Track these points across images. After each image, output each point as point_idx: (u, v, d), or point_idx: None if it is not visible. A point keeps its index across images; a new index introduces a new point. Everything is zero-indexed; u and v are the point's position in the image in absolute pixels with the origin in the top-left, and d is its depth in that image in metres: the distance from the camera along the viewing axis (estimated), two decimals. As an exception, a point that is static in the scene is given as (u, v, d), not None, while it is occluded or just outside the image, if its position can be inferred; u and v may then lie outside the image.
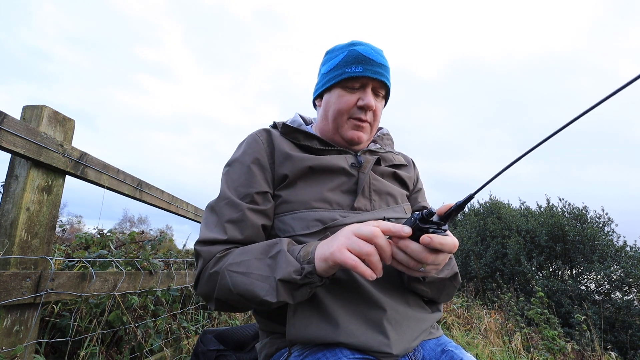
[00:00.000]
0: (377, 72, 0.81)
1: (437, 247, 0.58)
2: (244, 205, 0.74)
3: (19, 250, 1.05)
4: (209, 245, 0.73)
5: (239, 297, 0.65)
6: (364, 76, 0.80)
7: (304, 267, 0.61)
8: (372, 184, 0.82)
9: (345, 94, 0.82)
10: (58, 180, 1.19)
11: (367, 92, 0.81)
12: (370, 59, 0.81)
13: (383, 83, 0.83)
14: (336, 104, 0.83)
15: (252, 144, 0.82)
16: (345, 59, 0.82)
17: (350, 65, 0.81)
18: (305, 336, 0.66)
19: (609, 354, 3.72)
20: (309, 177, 0.79)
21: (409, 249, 0.59)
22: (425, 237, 0.57)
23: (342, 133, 0.84)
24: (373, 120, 0.85)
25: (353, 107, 0.82)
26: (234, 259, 0.68)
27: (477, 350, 3.32)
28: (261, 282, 0.63)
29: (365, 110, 0.82)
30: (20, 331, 1.05)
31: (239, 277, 0.65)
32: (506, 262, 10.89)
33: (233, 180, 0.79)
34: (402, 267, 0.63)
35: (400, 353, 0.66)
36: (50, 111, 1.15)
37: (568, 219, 11.28)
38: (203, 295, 0.72)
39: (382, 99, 0.86)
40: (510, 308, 5.32)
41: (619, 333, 8.19)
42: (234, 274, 0.65)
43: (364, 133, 0.84)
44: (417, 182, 0.98)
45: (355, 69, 0.81)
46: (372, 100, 0.81)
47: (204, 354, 0.92)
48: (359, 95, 0.82)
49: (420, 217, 0.58)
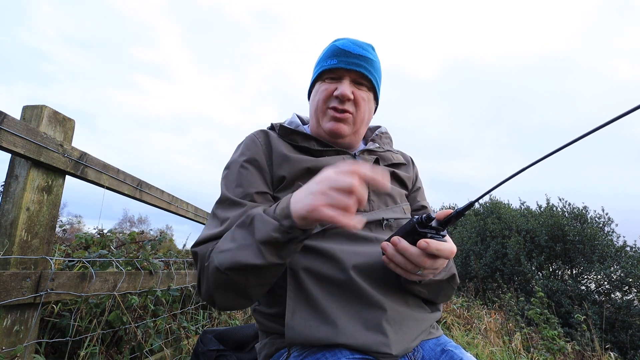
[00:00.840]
0: (352, 62, 0.81)
1: (433, 253, 0.58)
2: (245, 203, 0.74)
3: (19, 250, 1.06)
4: (204, 244, 0.71)
5: (230, 273, 0.61)
6: (338, 68, 0.81)
7: (283, 223, 0.58)
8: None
9: (324, 85, 0.84)
10: (58, 180, 1.19)
11: (343, 82, 0.82)
12: (346, 51, 0.82)
13: (361, 74, 0.82)
14: (316, 96, 0.85)
15: (250, 146, 0.82)
16: (324, 55, 0.85)
17: (327, 59, 0.84)
18: (304, 337, 0.66)
19: (608, 354, 3.72)
20: (307, 178, 0.79)
21: (407, 252, 0.59)
22: (422, 241, 0.57)
23: (323, 125, 0.84)
24: (356, 110, 0.83)
25: (330, 97, 0.82)
26: (220, 241, 0.66)
27: (477, 350, 3.32)
28: (244, 250, 0.60)
29: (342, 100, 0.81)
30: (20, 331, 1.05)
31: (223, 255, 0.62)
32: (506, 262, 10.89)
33: (232, 181, 0.79)
34: (400, 270, 0.63)
35: (400, 353, 0.66)
36: (50, 111, 1.15)
37: (568, 219, 11.28)
38: (205, 296, 0.69)
39: (367, 91, 0.85)
40: (510, 308, 5.31)
41: (619, 333, 8.19)
42: (219, 254, 0.63)
43: (346, 125, 0.83)
44: (416, 181, 0.98)
45: (330, 62, 0.83)
46: (347, 89, 0.80)
47: (204, 354, 0.92)
48: (336, 85, 0.82)
49: (418, 221, 0.58)
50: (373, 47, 0.88)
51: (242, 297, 0.67)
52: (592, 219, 11.34)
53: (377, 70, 0.86)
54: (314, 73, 0.88)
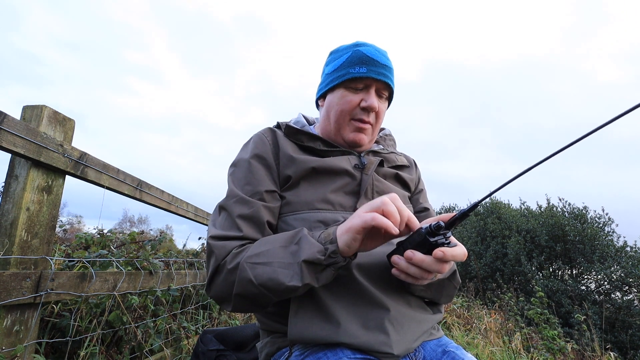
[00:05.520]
0: (381, 73, 0.80)
1: (449, 260, 0.59)
2: (256, 202, 0.74)
3: (19, 250, 1.05)
4: (223, 241, 0.71)
5: (262, 288, 0.63)
6: (368, 77, 0.80)
7: (327, 247, 0.61)
8: (375, 185, 0.82)
9: (349, 94, 0.82)
10: (58, 180, 1.19)
11: (371, 93, 0.81)
12: (374, 59, 0.80)
13: (387, 84, 0.82)
14: (339, 104, 0.83)
15: (259, 144, 0.82)
16: (349, 60, 0.82)
17: (354, 65, 0.81)
18: (306, 336, 0.66)
19: (608, 354, 3.72)
20: (312, 178, 0.79)
21: (424, 263, 0.59)
22: (438, 251, 0.58)
23: (343, 134, 0.84)
24: (375, 122, 0.84)
25: (356, 107, 0.82)
26: (252, 251, 0.67)
27: (477, 350, 3.32)
28: (284, 269, 0.63)
29: (368, 112, 0.82)
30: (20, 331, 1.05)
31: (261, 268, 0.64)
32: (506, 262, 10.89)
33: (240, 179, 0.78)
34: (412, 279, 0.63)
35: (401, 353, 0.66)
36: (50, 111, 1.14)
37: (568, 219, 11.27)
38: (218, 294, 0.69)
39: (385, 101, 0.86)
40: (510, 308, 5.32)
41: (619, 333, 8.19)
42: (256, 265, 0.64)
43: (366, 135, 0.84)
44: (419, 183, 0.98)
45: (359, 69, 0.80)
46: (376, 102, 0.80)
47: (204, 354, 0.92)
48: (362, 96, 0.81)
49: (428, 232, 0.59)
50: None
51: (258, 307, 0.69)
52: (592, 219, 11.33)
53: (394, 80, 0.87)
54: (338, 77, 0.83)
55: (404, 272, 0.63)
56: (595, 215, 11.39)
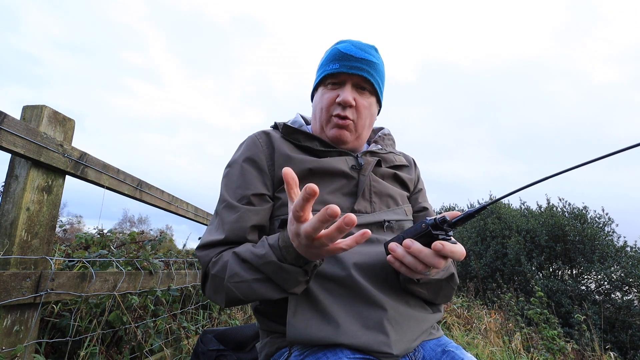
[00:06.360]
0: (354, 67, 0.80)
1: (447, 255, 0.58)
2: (241, 207, 0.75)
3: (19, 250, 1.05)
4: (206, 249, 0.75)
5: (253, 300, 0.68)
6: (340, 72, 0.81)
7: (305, 269, 0.62)
8: (373, 186, 0.82)
9: (327, 92, 0.83)
10: (58, 180, 1.19)
11: (345, 88, 0.81)
12: (348, 54, 0.81)
13: (363, 78, 0.81)
14: (319, 102, 0.85)
15: (251, 146, 0.83)
16: (326, 58, 0.84)
17: (329, 63, 0.83)
18: (305, 337, 0.66)
19: (608, 354, 3.72)
20: (309, 179, 0.79)
21: (422, 254, 0.59)
22: (437, 243, 0.57)
23: (326, 132, 0.85)
24: (357, 117, 0.83)
25: (333, 104, 0.82)
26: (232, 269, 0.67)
27: (477, 350, 3.32)
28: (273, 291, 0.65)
29: (344, 107, 0.81)
30: (20, 331, 1.05)
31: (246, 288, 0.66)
32: (506, 262, 10.88)
33: (231, 182, 0.80)
34: (406, 269, 0.63)
35: (401, 353, 0.65)
36: (50, 111, 1.14)
37: (568, 219, 11.26)
38: (212, 297, 0.74)
39: (369, 95, 0.84)
40: (510, 308, 5.31)
41: (619, 333, 8.19)
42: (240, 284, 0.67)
43: (348, 131, 0.83)
44: (418, 183, 0.98)
45: (332, 66, 0.82)
46: (350, 96, 0.80)
47: (204, 354, 0.92)
48: (338, 92, 0.82)
49: (433, 224, 0.59)
50: (376, 49, 0.88)
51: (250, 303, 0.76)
52: (592, 219, 11.32)
53: (379, 73, 0.85)
54: (317, 77, 0.87)
55: (398, 260, 0.62)
56: (595, 215, 11.39)
